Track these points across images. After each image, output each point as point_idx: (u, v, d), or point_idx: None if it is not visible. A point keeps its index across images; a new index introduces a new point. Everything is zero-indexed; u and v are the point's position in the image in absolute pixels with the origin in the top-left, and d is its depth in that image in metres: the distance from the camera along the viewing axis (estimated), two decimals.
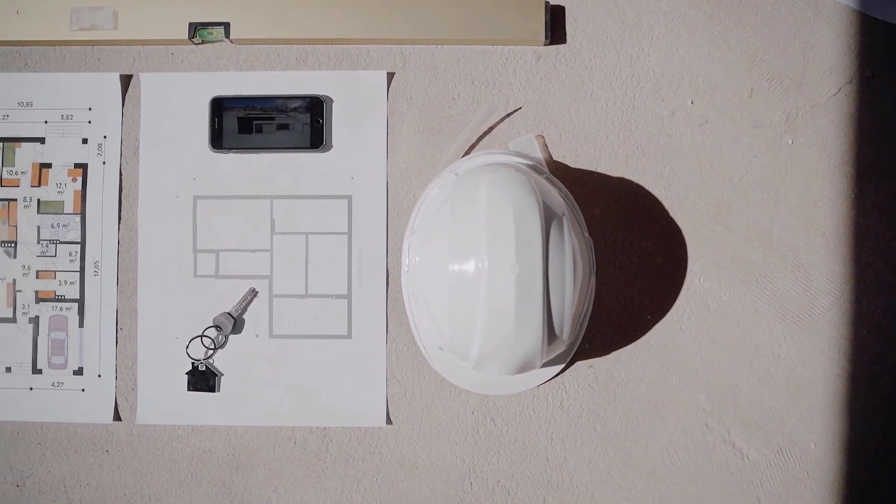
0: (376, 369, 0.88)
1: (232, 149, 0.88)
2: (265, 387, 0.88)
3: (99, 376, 0.89)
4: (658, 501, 0.88)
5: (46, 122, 0.90)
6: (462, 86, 0.90)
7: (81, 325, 0.89)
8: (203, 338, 0.88)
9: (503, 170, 0.78)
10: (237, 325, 0.88)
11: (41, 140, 0.90)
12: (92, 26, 0.88)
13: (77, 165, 0.90)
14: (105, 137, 0.90)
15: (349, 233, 0.89)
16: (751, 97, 0.89)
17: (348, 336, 0.88)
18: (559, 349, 0.80)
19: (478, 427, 0.88)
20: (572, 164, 0.89)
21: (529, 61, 0.90)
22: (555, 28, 0.89)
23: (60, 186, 0.90)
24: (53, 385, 0.89)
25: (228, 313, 0.88)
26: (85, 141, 0.90)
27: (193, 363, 0.88)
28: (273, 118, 0.88)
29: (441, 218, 0.78)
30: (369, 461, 0.88)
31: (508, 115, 0.89)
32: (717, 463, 0.88)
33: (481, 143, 0.89)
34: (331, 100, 0.89)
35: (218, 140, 0.88)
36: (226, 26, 0.88)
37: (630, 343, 0.89)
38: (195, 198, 0.89)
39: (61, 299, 0.89)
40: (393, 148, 0.89)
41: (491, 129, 0.89)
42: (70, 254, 0.89)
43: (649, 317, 0.89)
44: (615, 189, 0.89)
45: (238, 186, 0.89)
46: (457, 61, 0.90)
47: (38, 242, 0.90)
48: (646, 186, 0.89)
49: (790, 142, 0.89)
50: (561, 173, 0.88)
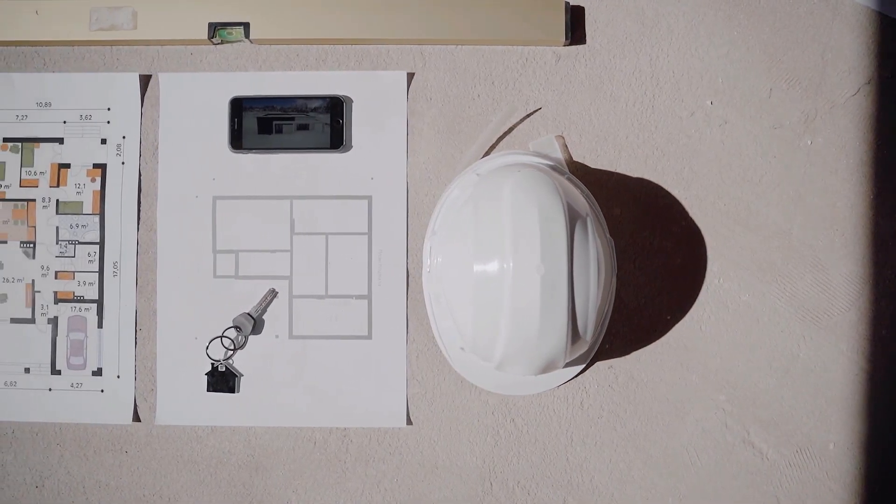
0: (396, 370, 0.88)
1: (252, 149, 0.88)
2: (285, 387, 0.88)
3: (118, 377, 0.89)
4: (678, 501, 0.88)
5: (65, 123, 0.90)
6: (482, 86, 0.90)
7: (100, 326, 0.89)
8: (223, 338, 0.88)
9: (526, 170, 0.78)
10: (257, 326, 0.88)
11: (60, 140, 0.90)
12: (111, 26, 0.88)
13: (96, 166, 0.90)
14: (124, 138, 0.90)
15: (369, 233, 0.88)
16: (770, 98, 0.89)
17: (368, 337, 0.88)
18: (582, 349, 0.80)
19: (498, 427, 0.88)
20: (592, 165, 0.89)
21: (549, 62, 0.90)
22: (574, 28, 0.89)
23: (79, 187, 0.90)
24: (72, 386, 0.89)
25: (248, 314, 0.88)
26: (104, 141, 0.90)
27: (213, 364, 0.88)
28: (293, 118, 0.88)
29: (464, 218, 0.78)
30: (389, 462, 0.88)
31: (528, 116, 0.89)
32: (737, 463, 0.88)
33: (501, 144, 0.89)
34: (350, 100, 0.89)
35: (237, 140, 0.88)
36: (245, 26, 0.88)
37: (650, 343, 0.89)
38: (214, 198, 0.89)
39: (80, 300, 0.89)
40: (413, 148, 0.89)
41: (511, 130, 0.89)
42: (89, 254, 0.89)
43: (669, 317, 0.89)
44: (635, 189, 0.89)
45: (258, 187, 0.89)
46: (476, 62, 0.90)
47: (57, 243, 0.89)
48: (665, 187, 0.89)
49: (809, 142, 0.89)
50: (581, 174, 0.88)
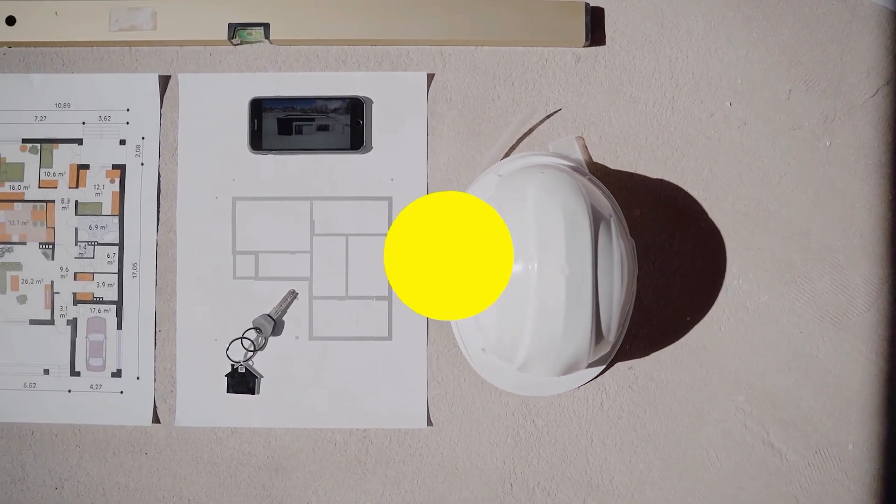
0: (417, 371, 0.88)
1: (271, 150, 0.88)
2: (305, 389, 0.88)
3: (137, 378, 0.89)
4: (697, 502, 0.88)
5: (84, 124, 0.90)
6: (502, 87, 0.90)
7: (120, 328, 0.89)
8: (243, 340, 0.88)
9: (549, 171, 0.78)
10: (277, 327, 0.88)
11: (79, 141, 0.90)
12: (131, 27, 0.88)
13: (115, 167, 0.90)
14: (143, 138, 0.90)
15: None
16: (789, 99, 0.89)
17: (389, 338, 0.88)
18: (604, 350, 0.80)
19: (518, 428, 0.88)
20: (612, 166, 0.89)
21: (569, 63, 0.90)
22: (594, 30, 0.89)
23: (98, 188, 0.89)
24: (91, 387, 0.89)
25: (268, 315, 0.88)
26: (123, 142, 0.90)
27: (233, 365, 0.88)
28: (313, 119, 0.88)
29: None
30: (410, 463, 0.88)
31: (548, 117, 0.89)
32: (756, 463, 0.88)
33: (521, 145, 0.89)
34: (370, 101, 0.89)
35: (257, 141, 0.88)
36: (265, 27, 0.88)
37: (669, 344, 0.89)
38: (234, 199, 0.89)
39: (99, 301, 0.89)
40: (433, 149, 0.89)
41: (531, 131, 0.89)
42: (108, 255, 0.89)
43: (688, 318, 0.89)
44: (655, 190, 0.89)
45: (277, 188, 0.89)
46: (496, 62, 0.90)
47: (76, 244, 0.89)
48: (685, 188, 0.89)
49: (828, 143, 0.89)
50: (601, 174, 0.88)
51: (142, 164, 0.90)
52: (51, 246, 0.89)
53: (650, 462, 0.88)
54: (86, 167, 0.90)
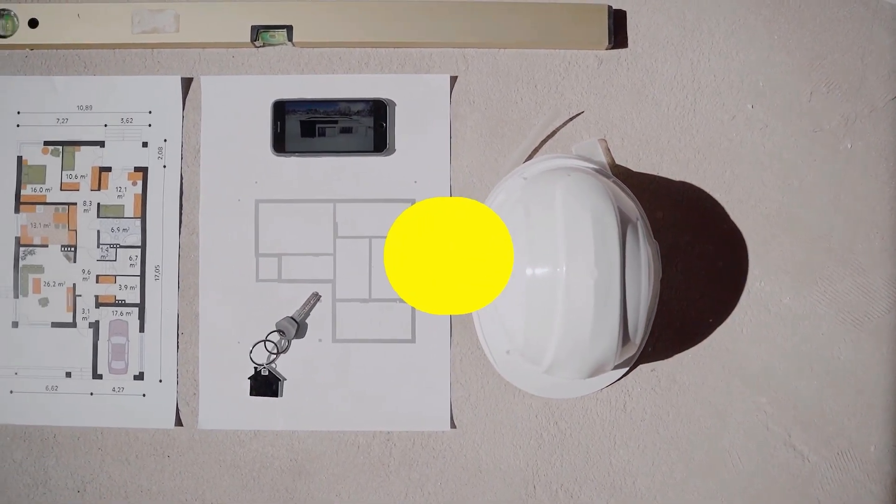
0: (440, 373, 0.88)
1: (294, 152, 0.88)
2: (328, 391, 0.88)
3: (160, 381, 0.88)
4: None
5: (106, 126, 0.90)
6: (524, 90, 0.90)
7: (142, 330, 0.89)
8: (266, 342, 0.88)
9: (576, 174, 0.78)
10: (300, 330, 0.88)
11: (101, 144, 0.90)
12: (153, 29, 0.88)
13: (137, 169, 0.89)
14: (165, 141, 0.90)
15: None
16: (810, 101, 0.90)
17: (412, 340, 0.88)
18: (630, 352, 0.80)
19: (541, 431, 0.88)
20: (634, 168, 0.89)
21: (591, 65, 0.90)
22: (616, 32, 0.89)
23: (120, 190, 0.89)
24: (114, 390, 0.89)
25: (291, 318, 0.88)
26: (145, 144, 0.90)
27: (256, 368, 0.88)
28: (336, 122, 0.88)
29: (514, 222, 0.78)
30: (433, 465, 0.88)
31: (571, 119, 0.89)
32: (778, 465, 0.88)
33: (544, 147, 0.89)
34: (393, 103, 0.89)
35: (280, 143, 0.88)
36: (288, 29, 0.88)
37: (692, 346, 0.89)
38: (257, 201, 0.89)
39: (121, 304, 0.89)
40: (456, 152, 0.89)
41: (553, 134, 0.89)
42: (130, 258, 0.89)
43: (711, 320, 0.89)
44: (677, 193, 0.89)
45: (300, 190, 0.89)
46: (519, 65, 0.90)
47: (98, 247, 0.89)
48: (707, 190, 0.89)
49: (849, 146, 0.89)
50: (623, 177, 0.88)
51: (164, 167, 0.89)
52: (73, 249, 0.89)
53: (673, 464, 0.88)
54: (108, 170, 0.89)
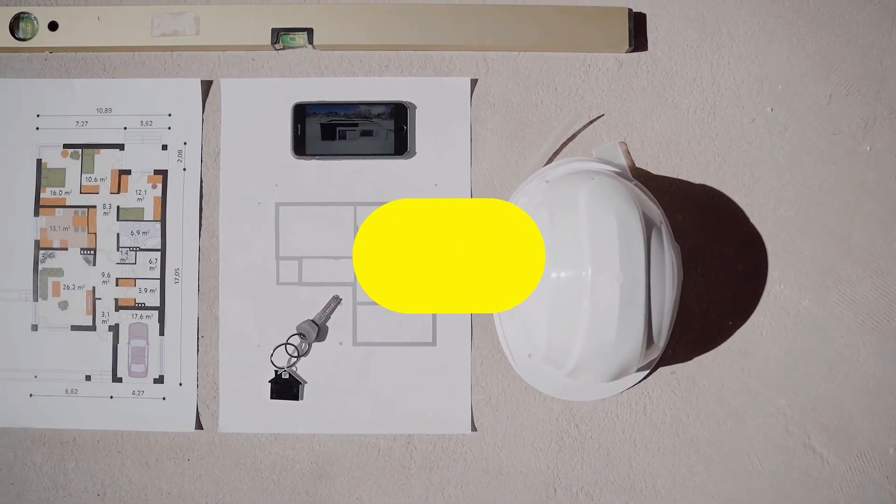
0: (461, 376, 0.88)
1: (315, 155, 0.88)
2: (349, 394, 0.88)
3: (180, 384, 0.88)
4: None
5: (126, 129, 0.89)
6: (545, 92, 0.90)
7: (162, 333, 0.89)
8: (287, 345, 0.87)
9: (600, 177, 0.78)
10: (321, 333, 0.88)
11: (120, 146, 0.89)
12: (174, 32, 0.88)
13: (157, 172, 0.89)
14: (185, 143, 0.89)
15: None
16: (829, 104, 0.90)
17: (433, 343, 0.88)
18: (654, 355, 0.80)
19: (562, 433, 0.88)
20: (654, 171, 0.89)
21: (611, 68, 0.90)
22: (636, 35, 0.89)
23: (140, 193, 0.89)
24: (134, 393, 0.88)
25: (312, 321, 0.88)
26: (165, 147, 0.89)
27: (277, 371, 0.88)
28: (356, 125, 0.88)
29: (537, 226, 0.78)
30: (454, 468, 0.88)
31: (591, 122, 0.89)
32: (798, 467, 0.89)
33: (564, 150, 0.89)
34: (414, 106, 0.89)
35: (301, 146, 0.88)
36: (309, 32, 0.88)
37: (712, 349, 0.89)
38: (277, 204, 0.89)
39: (141, 307, 0.89)
40: (476, 154, 0.89)
41: (574, 137, 0.89)
42: (150, 261, 0.89)
43: (730, 322, 0.89)
44: (697, 196, 0.89)
45: (321, 193, 0.89)
46: (539, 68, 0.90)
47: (118, 250, 0.89)
48: (726, 193, 0.90)
49: (868, 148, 0.89)
50: (644, 180, 0.88)
51: (184, 170, 0.89)
52: (92, 252, 0.89)
53: (693, 466, 0.89)
54: (127, 172, 0.89)
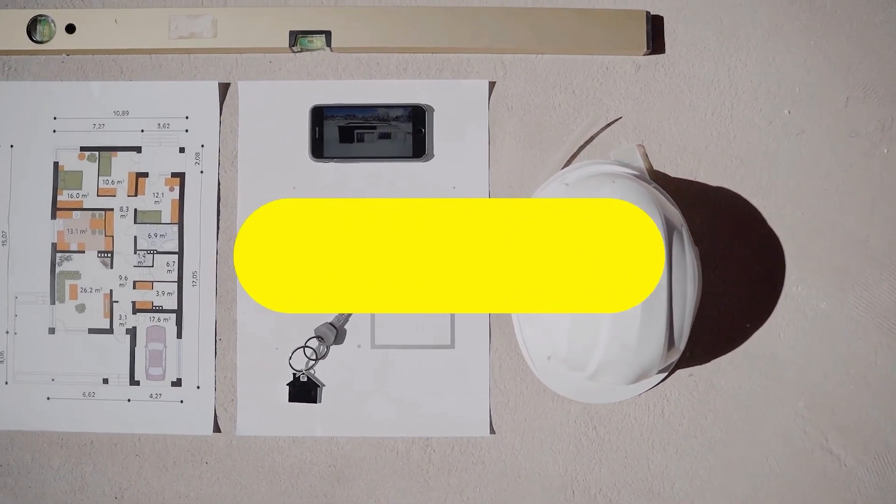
0: (479, 379, 0.88)
1: (333, 158, 0.88)
2: (367, 397, 0.88)
3: (198, 388, 0.88)
4: None
5: (143, 131, 0.89)
6: (562, 95, 0.90)
7: (179, 336, 0.88)
8: (305, 348, 0.87)
9: (621, 181, 0.78)
10: (339, 336, 0.88)
11: (138, 149, 0.89)
12: (191, 34, 0.88)
13: (174, 174, 0.89)
14: (203, 146, 0.89)
15: None
16: (846, 107, 0.90)
17: (451, 346, 0.88)
18: (674, 358, 0.80)
19: (580, 436, 0.88)
20: (672, 174, 0.89)
21: (629, 71, 0.90)
22: (654, 38, 0.89)
23: (157, 196, 0.89)
24: (151, 396, 0.88)
25: (330, 324, 0.88)
26: (182, 150, 0.89)
27: (295, 374, 0.87)
28: (374, 127, 0.88)
29: None
30: (472, 471, 0.88)
31: (609, 125, 0.89)
32: (815, 469, 0.89)
33: (582, 153, 0.89)
34: (432, 109, 0.89)
35: (318, 149, 0.88)
36: (327, 35, 0.88)
37: (729, 351, 0.89)
38: None
39: (159, 310, 0.89)
40: (494, 157, 0.89)
41: (591, 139, 0.89)
42: (168, 264, 0.89)
43: (748, 325, 0.89)
44: (714, 198, 0.90)
45: (339, 195, 0.88)
46: (557, 71, 0.90)
47: (135, 252, 0.89)
48: (744, 195, 0.90)
49: (885, 151, 0.90)
50: (662, 182, 0.88)
51: (201, 172, 0.89)
52: (109, 255, 0.89)
53: (711, 468, 0.89)
54: (144, 175, 0.89)
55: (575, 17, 0.88)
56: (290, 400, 0.88)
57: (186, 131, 0.89)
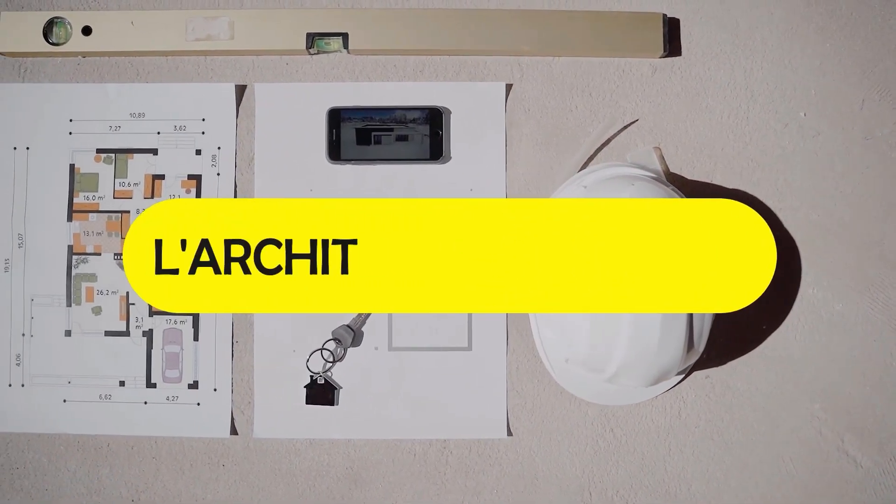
0: (496, 381, 0.88)
1: (350, 160, 0.88)
2: (384, 399, 0.88)
3: (214, 390, 0.88)
4: None
5: (159, 134, 0.89)
6: (579, 98, 0.90)
7: (196, 339, 0.88)
8: (322, 351, 0.87)
9: (640, 183, 0.78)
10: (356, 338, 0.88)
11: (154, 151, 0.89)
12: (208, 36, 0.88)
13: (191, 177, 0.89)
14: (219, 148, 0.89)
15: None
16: (862, 109, 0.90)
17: (468, 348, 0.88)
18: (693, 359, 0.81)
19: (597, 438, 0.89)
20: (689, 176, 0.90)
21: (645, 73, 0.90)
22: (670, 40, 0.90)
23: (174, 198, 0.89)
24: (168, 399, 0.88)
25: (348, 326, 0.88)
26: (198, 152, 0.89)
27: (312, 376, 0.87)
28: (392, 129, 0.88)
29: None
30: (489, 473, 0.88)
31: (625, 128, 0.90)
32: (831, 471, 0.89)
33: (598, 155, 0.89)
34: (449, 111, 0.89)
35: (336, 151, 0.88)
36: (344, 37, 0.88)
37: (745, 353, 0.89)
38: None
39: (175, 312, 0.88)
40: (511, 159, 0.89)
41: (608, 142, 0.90)
42: None
43: (764, 326, 0.89)
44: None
45: (356, 197, 0.88)
46: (574, 73, 0.90)
47: None
48: (760, 198, 0.90)
49: None
50: (678, 185, 0.88)
51: (218, 175, 0.89)
52: None
53: (727, 470, 0.89)
54: (161, 177, 0.89)
55: (591, 20, 0.88)
56: (308, 402, 0.88)
57: (203, 133, 0.89)
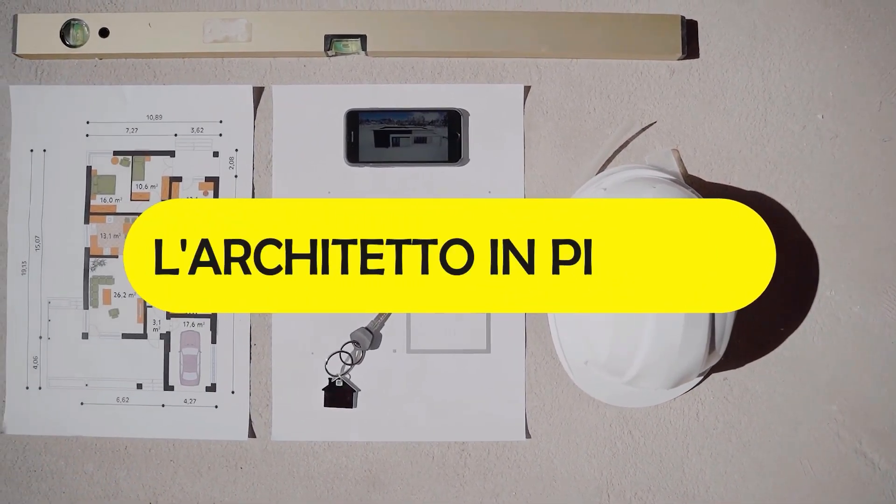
0: (515, 383, 0.88)
1: (368, 162, 0.88)
2: (403, 402, 0.88)
3: (232, 393, 0.88)
4: None
5: (176, 136, 0.89)
6: (597, 100, 0.90)
7: (214, 342, 0.88)
8: (341, 353, 0.87)
9: (661, 186, 0.78)
10: (375, 341, 0.88)
11: (171, 153, 0.89)
12: (225, 38, 0.87)
13: (208, 179, 0.89)
14: (237, 150, 0.89)
15: None
16: (880, 111, 0.90)
17: (487, 350, 0.88)
18: (713, 362, 0.81)
19: (615, 440, 0.89)
20: (707, 178, 0.90)
21: (663, 76, 0.90)
22: (688, 43, 0.89)
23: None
24: (185, 402, 0.88)
25: (366, 328, 0.87)
26: (216, 154, 0.89)
27: (331, 379, 0.87)
28: (410, 132, 0.88)
29: None
30: (508, 475, 0.88)
31: (643, 130, 0.89)
32: (849, 473, 0.89)
33: (616, 158, 0.89)
34: (467, 113, 0.89)
35: (354, 153, 0.88)
36: (362, 39, 0.88)
37: (763, 355, 0.89)
38: None
39: (193, 315, 0.88)
40: (529, 161, 0.89)
41: (626, 144, 0.89)
42: None
43: (782, 328, 0.90)
44: (748, 202, 0.88)
45: (374, 197, 0.88)
46: (592, 75, 0.90)
47: None
48: (778, 200, 0.90)
49: None
50: (696, 187, 0.88)
51: (235, 177, 0.89)
52: None
53: (745, 472, 0.89)
54: (178, 179, 0.89)
55: (610, 22, 0.88)
56: (326, 405, 0.87)
57: (220, 135, 0.89)
